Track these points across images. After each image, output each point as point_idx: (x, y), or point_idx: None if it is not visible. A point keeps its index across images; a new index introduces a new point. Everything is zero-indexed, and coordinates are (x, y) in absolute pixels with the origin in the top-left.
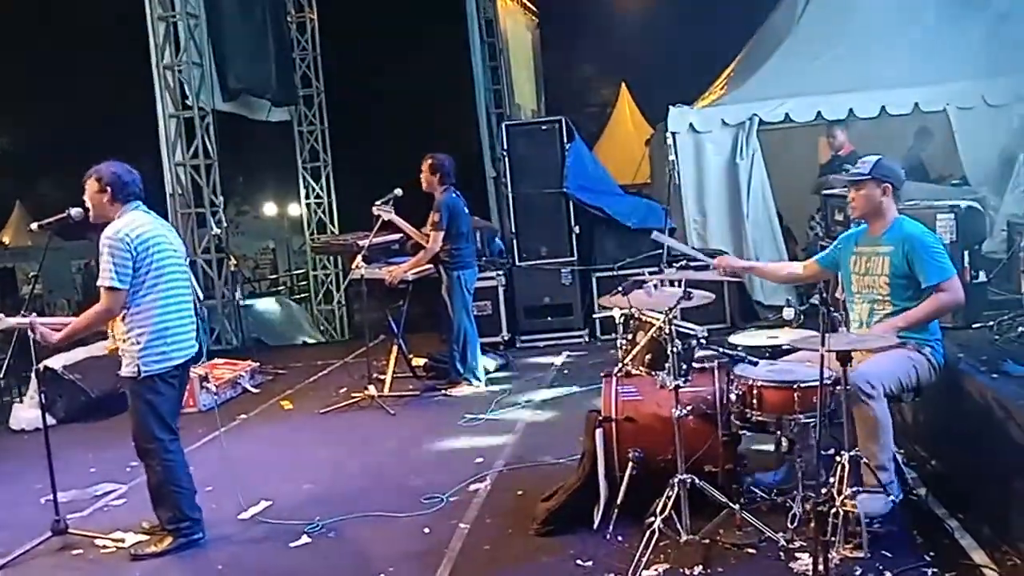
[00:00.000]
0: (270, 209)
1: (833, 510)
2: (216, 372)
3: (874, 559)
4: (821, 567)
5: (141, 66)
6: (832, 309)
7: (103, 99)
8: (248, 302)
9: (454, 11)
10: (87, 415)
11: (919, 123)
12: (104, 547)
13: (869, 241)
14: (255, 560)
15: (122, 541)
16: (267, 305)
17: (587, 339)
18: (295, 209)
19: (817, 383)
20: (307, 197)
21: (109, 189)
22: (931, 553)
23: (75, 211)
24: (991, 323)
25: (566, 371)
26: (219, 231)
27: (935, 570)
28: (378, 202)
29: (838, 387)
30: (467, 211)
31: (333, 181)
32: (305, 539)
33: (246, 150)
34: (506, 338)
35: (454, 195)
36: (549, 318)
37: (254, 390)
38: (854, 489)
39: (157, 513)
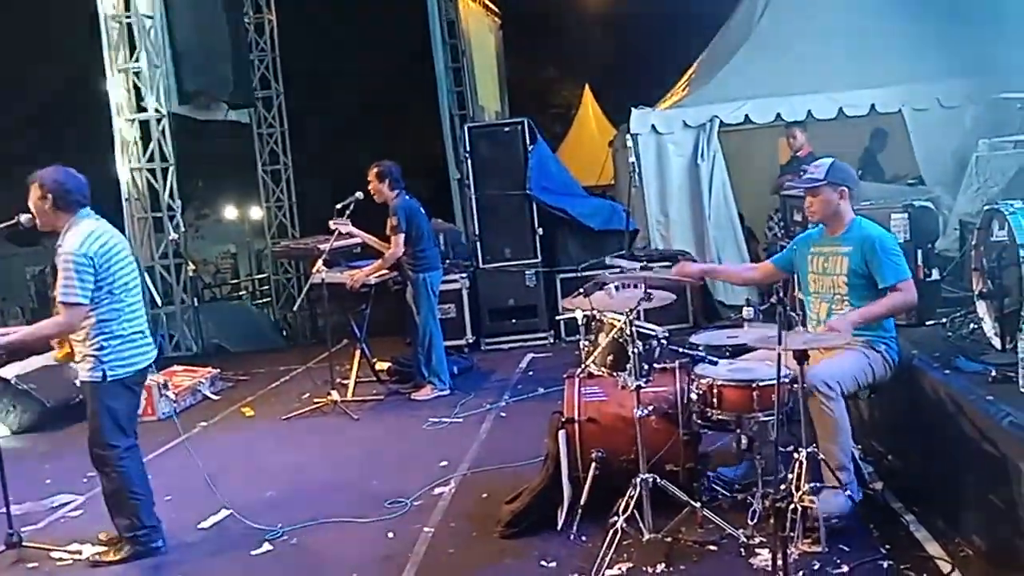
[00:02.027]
0: (230, 213)
1: (791, 506)
2: (175, 379)
3: (832, 553)
4: (780, 562)
5: (95, 68)
6: (789, 308)
7: (56, 101)
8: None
9: (416, 12)
10: (42, 425)
11: (875, 124)
12: (61, 560)
13: (827, 241)
14: (216, 569)
15: (79, 553)
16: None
17: (552, 340)
18: (256, 212)
19: (775, 382)
20: (267, 200)
21: (51, 197)
22: (887, 546)
23: (24, 218)
24: (944, 320)
25: (531, 373)
26: (177, 236)
27: (891, 562)
28: (338, 206)
29: (796, 385)
30: (424, 212)
31: (294, 184)
32: (267, 547)
33: (205, 153)
34: (470, 340)
35: (407, 198)
36: (514, 320)
37: (215, 397)
38: (812, 485)
39: (115, 522)
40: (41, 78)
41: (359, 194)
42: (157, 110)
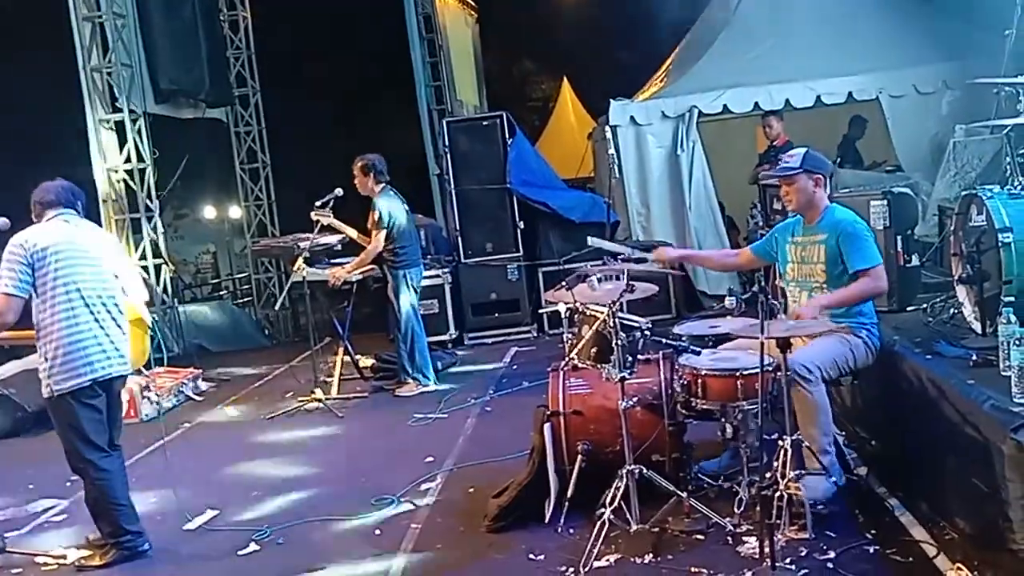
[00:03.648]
0: (209, 212)
1: (777, 494)
2: (157, 381)
3: (818, 539)
4: (767, 549)
5: (68, 69)
6: (771, 297)
7: (29, 104)
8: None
9: (392, 6)
10: (24, 430)
11: (853, 112)
12: (46, 564)
13: (805, 231)
14: (203, 570)
15: (63, 558)
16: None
17: (536, 334)
18: (235, 212)
19: (759, 370)
20: (246, 199)
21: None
22: (873, 531)
23: (2, 221)
24: (924, 305)
25: (515, 367)
26: (155, 237)
27: (877, 547)
28: (318, 203)
29: (779, 373)
30: (407, 208)
31: (272, 182)
32: (254, 547)
33: (182, 152)
34: (454, 336)
35: (391, 193)
36: (497, 314)
37: (197, 398)
38: (797, 472)
39: (98, 526)
40: (10, 79)
41: (339, 191)
42: (132, 110)
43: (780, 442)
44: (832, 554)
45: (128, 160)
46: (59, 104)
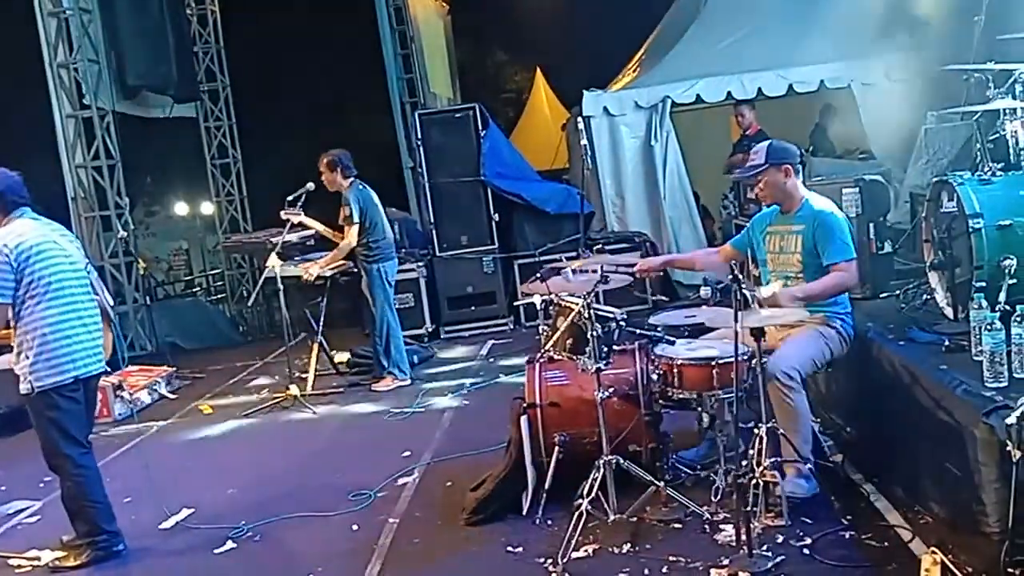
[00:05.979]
0: (181, 209)
1: (754, 481)
2: (131, 379)
3: (794, 526)
4: (744, 537)
5: (34, 65)
6: (746, 287)
7: None
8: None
9: None
10: None
11: (825, 100)
12: (19, 567)
13: (783, 220)
14: (179, 569)
15: (38, 559)
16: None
17: (512, 326)
18: (207, 208)
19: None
20: (218, 195)
21: None
22: (848, 517)
23: None
24: (897, 292)
25: (491, 359)
26: (125, 234)
27: (852, 533)
28: (289, 198)
29: (754, 361)
30: (377, 202)
31: (244, 177)
32: (230, 545)
33: (152, 148)
34: (430, 329)
35: (361, 187)
36: (472, 307)
37: (171, 396)
38: (773, 460)
39: (74, 525)
40: None
41: (310, 185)
42: (100, 107)
43: (756, 430)
44: (808, 540)
45: (96, 157)
46: (25, 101)
